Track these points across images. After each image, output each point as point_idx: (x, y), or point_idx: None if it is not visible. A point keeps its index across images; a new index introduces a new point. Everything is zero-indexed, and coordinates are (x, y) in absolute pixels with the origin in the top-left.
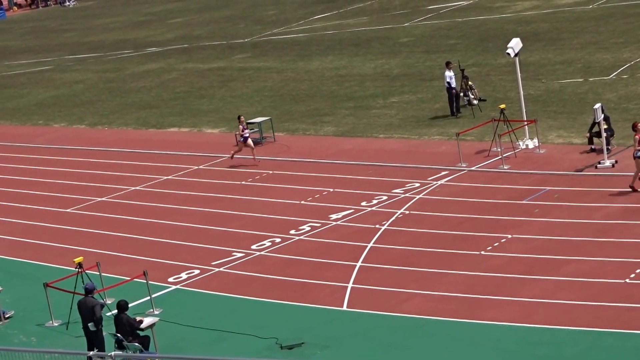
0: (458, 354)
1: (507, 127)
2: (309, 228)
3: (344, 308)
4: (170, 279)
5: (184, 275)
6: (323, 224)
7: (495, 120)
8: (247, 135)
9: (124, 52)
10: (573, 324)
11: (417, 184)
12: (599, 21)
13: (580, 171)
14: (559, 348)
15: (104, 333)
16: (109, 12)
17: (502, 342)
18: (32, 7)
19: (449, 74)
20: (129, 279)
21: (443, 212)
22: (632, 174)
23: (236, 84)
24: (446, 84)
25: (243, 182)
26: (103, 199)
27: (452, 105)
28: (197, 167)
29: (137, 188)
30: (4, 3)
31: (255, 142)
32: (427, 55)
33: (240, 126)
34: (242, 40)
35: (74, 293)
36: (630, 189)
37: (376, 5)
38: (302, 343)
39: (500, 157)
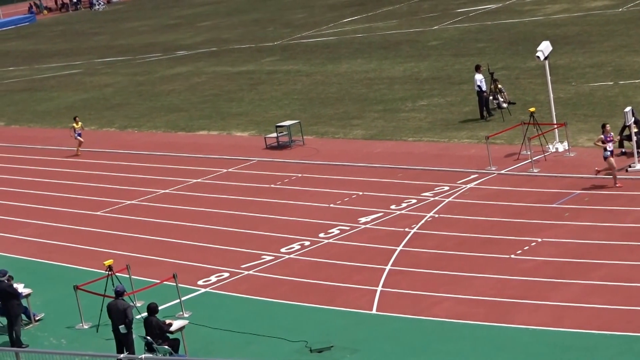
0: (488, 357)
1: (537, 130)
2: (338, 231)
3: (374, 311)
4: (200, 282)
5: (213, 278)
6: (352, 227)
7: (525, 123)
8: (611, 149)
9: (153, 56)
10: (604, 328)
11: (447, 187)
12: (629, 24)
13: (611, 175)
14: (589, 353)
15: (134, 336)
16: (138, 16)
17: (533, 346)
18: (62, 10)
19: (479, 77)
20: (158, 281)
21: (472, 215)
22: None
23: (265, 87)
24: (476, 88)
25: (272, 185)
26: (133, 201)
27: (482, 108)
28: (226, 170)
29: (167, 191)
30: (33, 7)
31: (284, 146)
32: (456, 59)
33: (602, 136)
34: (271, 44)
35: (104, 296)
36: None
37: (405, 8)
38: (332, 346)
39: (530, 160)
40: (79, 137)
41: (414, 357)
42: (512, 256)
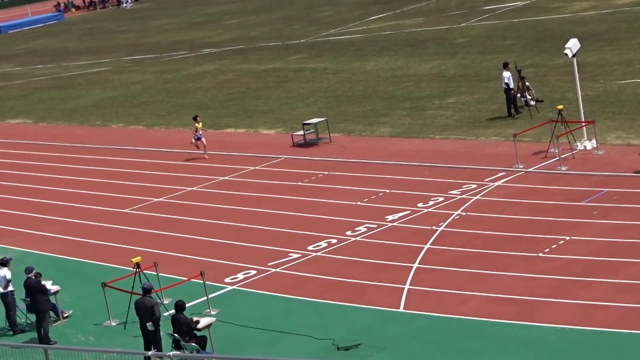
0: (516, 356)
1: (565, 128)
2: (365, 229)
3: (401, 309)
4: (227, 280)
5: (240, 276)
6: (379, 225)
7: (552, 121)
8: None
9: (180, 53)
10: (634, 327)
11: (474, 185)
12: None
13: (639, 172)
14: (619, 352)
15: (161, 333)
16: (165, 14)
17: (561, 345)
18: (90, 8)
19: (507, 74)
20: (186, 279)
21: (500, 213)
22: None
23: (292, 85)
24: (504, 85)
25: (299, 183)
26: (160, 199)
27: (510, 106)
28: (253, 168)
29: (194, 189)
30: (61, 5)
31: (311, 143)
32: (483, 56)
33: None
34: (297, 41)
35: (131, 293)
36: None
37: (432, 5)
38: (359, 344)
39: (557, 158)
40: (201, 139)
41: (442, 355)
42: (540, 254)
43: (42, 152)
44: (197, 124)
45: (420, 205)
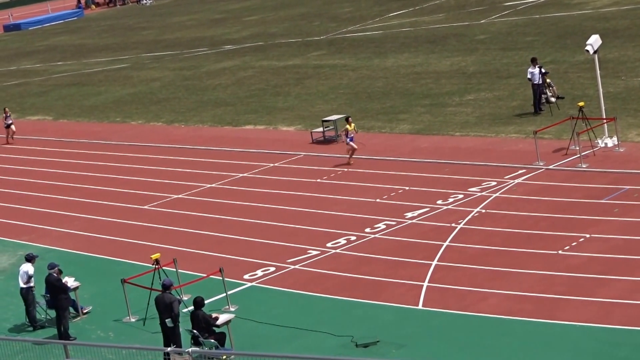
0: (535, 354)
1: (586, 125)
2: (385, 226)
3: (420, 307)
4: (246, 276)
5: (259, 273)
6: (398, 222)
7: (573, 118)
8: None
9: (200, 50)
10: None
11: (494, 183)
12: None
13: None
14: (638, 349)
15: (180, 329)
16: (185, 10)
17: (581, 343)
18: (110, 5)
19: (530, 69)
20: (205, 275)
21: (520, 211)
22: None
23: (311, 82)
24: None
25: (318, 180)
26: (179, 196)
27: (535, 101)
28: (272, 165)
29: (213, 185)
30: (81, 2)
31: (331, 140)
32: (503, 53)
33: None
34: (317, 38)
35: (151, 289)
36: None
37: (452, 2)
38: (378, 341)
39: (578, 155)
40: (351, 142)
41: (460, 352)
42: (560, 252)
43: (61, 149)
44: (348, 126)
45: (439, 202)
